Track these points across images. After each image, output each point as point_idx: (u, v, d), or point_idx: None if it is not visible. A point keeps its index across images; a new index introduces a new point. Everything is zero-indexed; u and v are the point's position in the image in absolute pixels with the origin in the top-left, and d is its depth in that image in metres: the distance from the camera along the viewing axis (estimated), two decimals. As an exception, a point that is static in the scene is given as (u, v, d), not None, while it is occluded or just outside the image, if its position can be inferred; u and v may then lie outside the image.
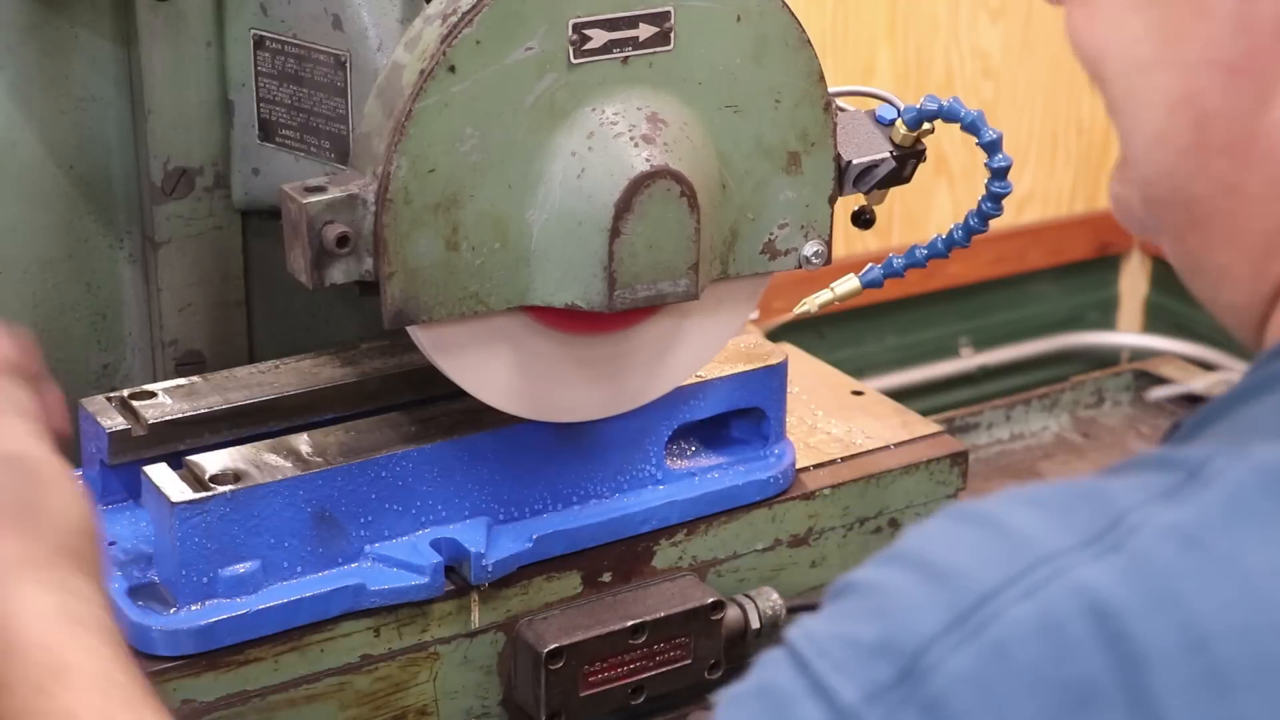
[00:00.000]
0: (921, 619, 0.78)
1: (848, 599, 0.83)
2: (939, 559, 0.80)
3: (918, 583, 0.80)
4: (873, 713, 0.78)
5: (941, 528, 0.83)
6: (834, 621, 0.82)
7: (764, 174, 1.38)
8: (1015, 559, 0.78)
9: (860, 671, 0.79)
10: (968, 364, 3.45)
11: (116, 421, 1.40)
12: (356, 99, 1.38)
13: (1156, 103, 0.86)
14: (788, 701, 0.80)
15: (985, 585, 0.78)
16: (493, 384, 1.37)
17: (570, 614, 1.44)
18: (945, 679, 0.76)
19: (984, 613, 0.77)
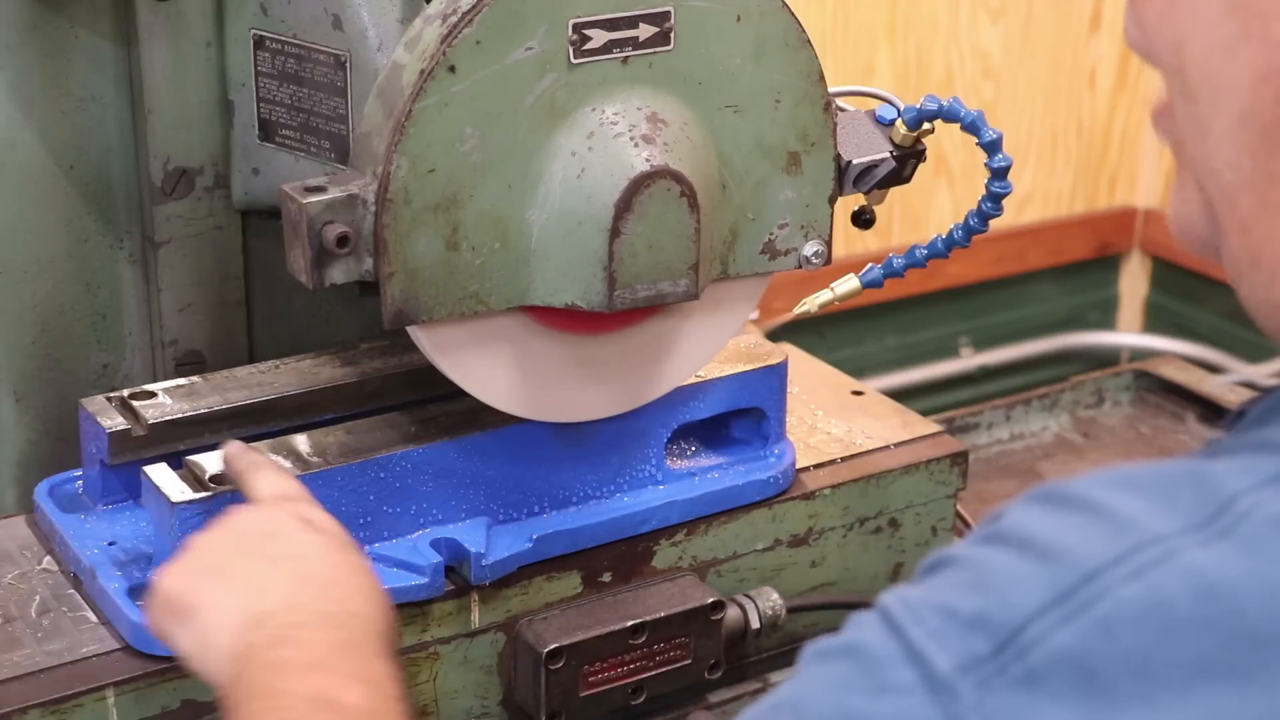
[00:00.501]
0: (1023, 595, 0.79)
1: (945, 571, 0.83)
2: (1041, 538, 0.81)
3: (1019, 560, 0.80)
4: (965, 683, 0.78)
5: (1039, 510, 0.83)
6: (931, 591, 0.83)
7: (764, 174, 1.38)
8: (1120, 540, 0.79)
9: (956, 642, 0.79)
10: (968, 364, 3.46)
11: (116, 421, 1.40)
12: (356, 99, 1.38)
13: (1240, 81, 0.86)
14: (879, 663, 0.81)
15: (1091, 564, 0.78)
16: (493, 384, 1.37)
17: (570, 614, 1.44)
18: (1045, 655, 0.77)
19: (1089, 591, 0.78)
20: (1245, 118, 0.86)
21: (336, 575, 1.15)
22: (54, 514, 1.43)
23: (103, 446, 1.39)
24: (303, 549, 1.17)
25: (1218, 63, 0.87)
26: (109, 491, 1.44)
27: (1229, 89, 0.87)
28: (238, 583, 1.14)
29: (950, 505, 1.64)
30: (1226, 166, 0.88)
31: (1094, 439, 2.12)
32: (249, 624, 1.10)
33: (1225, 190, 0.89)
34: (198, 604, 1.14)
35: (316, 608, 1.12)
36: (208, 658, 1.12)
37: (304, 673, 1.07)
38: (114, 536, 1.41)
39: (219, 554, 1.17)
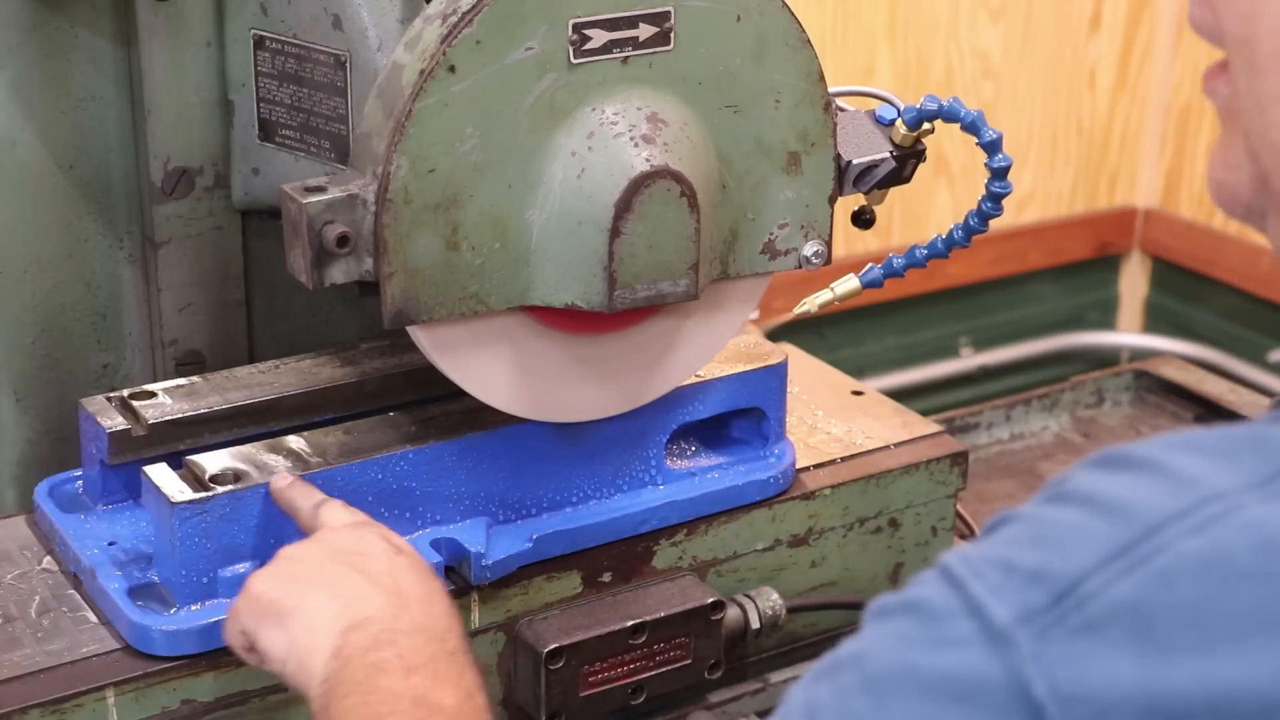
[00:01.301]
0: (1083, 549, 0.80)
1: (1006, 529, 0.85)
2: (1102, 495, 0.82)
3: (1081, 516, 0.82)
4: (1024, 633, 0.79)
5: (1101, 472, 0.84)
6: (991, 547, 0.84)
7: (764, 174, 1.38)
8: (1182, 496, 0.80)
9: (1015, 594, 0.80)
10: (968, 364, 3.46)
11: (116, 421, 1.40)
12: (356, 99, 1.38)
13: None
14: (939, 616, 0.82)
15: (1153, 518, 0.79)
16: (493, 384, 1.37)
17: (570, 614, 1.44)
18: (1104, 605, 0.78)
19: (1151, 544, 0.79)
20: None
21: (428, 593, 1.19)
22: (54, 514, 1.43)
23: (103, 446, 1.39)
24: (393, 567, 1.20)
25: None
26: (109, 491, 1.44)
27: None
28: (337, 589, 1.18)
29: (950, 505, 1.64)
30: None
31: (1094, 439, 2.12)
32: (350, 626, 1.15)
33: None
34: (296, 607, 1.17)
35: (414, 618, 1.16)
36: (303, 657, 1.15)
37: (405, 674, 1.11)
38: (114, 536, 1.41)
39: (315, 564, 1.21)
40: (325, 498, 1.31)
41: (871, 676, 0.83)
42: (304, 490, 1.31)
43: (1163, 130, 3.48)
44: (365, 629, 1.14)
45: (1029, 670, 0.79)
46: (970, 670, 0.80)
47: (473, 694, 1.13)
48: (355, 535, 1.24)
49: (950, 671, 0.81)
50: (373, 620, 1.15)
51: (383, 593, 1.17)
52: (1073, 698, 0.78)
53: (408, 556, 1.23)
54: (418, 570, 1.22)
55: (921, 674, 0.81)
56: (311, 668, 1.14)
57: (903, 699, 0.82)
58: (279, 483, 1.32)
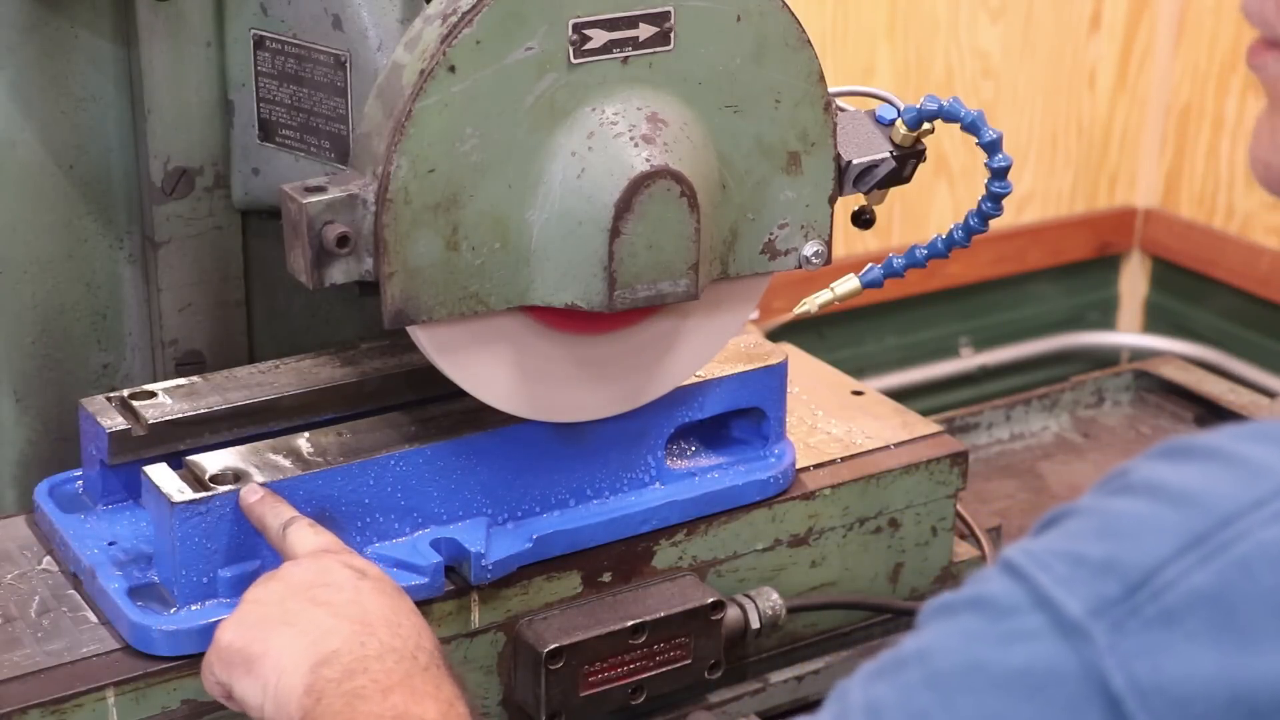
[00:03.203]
0: (1156, 540, 0.78)
1: (1068, 522, 0.82)
2: (1170, 485, 0.80)
3: (1150, 506, 0.80)
4: (1099, 625, 0.77)
5: (1167, 463, 0.82)
6: (1054, 540, 0.82)
7: (764, 174, 1.38)
8: (1257, 485, 0.78)
9: (1086, 587, 0.78)
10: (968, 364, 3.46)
11: (116, 421, 1.40)
12: (356, 99, 1.38)
13: None
14: (1006, 612, 0.80)
15: (1228, 508, 0.78)
16: (493, 384, 1.37)
17: (570, 614, 1.44)
18: (1182, 595, 0.76)
19: (1228, 533, 0.77)
20: None
21: (396, 615, 1.18)
22: (54, 514, 1.43)
23: (103, 446, 1.39)
24: (359, 594, 1.19)
25: None
26: (109, 491, 1.44)
27: None
28: (302, 627, 1.16)
29: (950, 505, 1.64)
30: None
31: (1094, 439, 2.12)
32: (320, 662, 1.13)
33: None
34: (264, 651, 1.16)
35: (382, 641, 1.15)
36: (279, 700, 1.14)
37: (382, 695, 1.10)
38: (114, 536, 1.41)
39: (277, 605, 1.19)
40: (293, 515, 1.29)
41: (937, 673, 0.81)
42: (273, 507, 1.30)
43: (1163, 130, 3.48)
44: (335, 662, 1.13)
45: (1106, 663, 0.77)
46: (1043, 663, 0.78)
47: (453, 703, 1.12)
48: (317, 567, 1.22)
49: (1021, 666, 0.79)
50: (341, 653, 1.14)
51: (348, 623, 1.16)
52: (1153, 689, 0.76)
53: (372, 580, 1.21)
54: (382, 593, 1.20)
55: (990, 669, 0.79)
56: (288, 709, 1.13)
57: (972, 695, 0.80)
58: (249, 497, 1.31)
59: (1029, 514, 1.95)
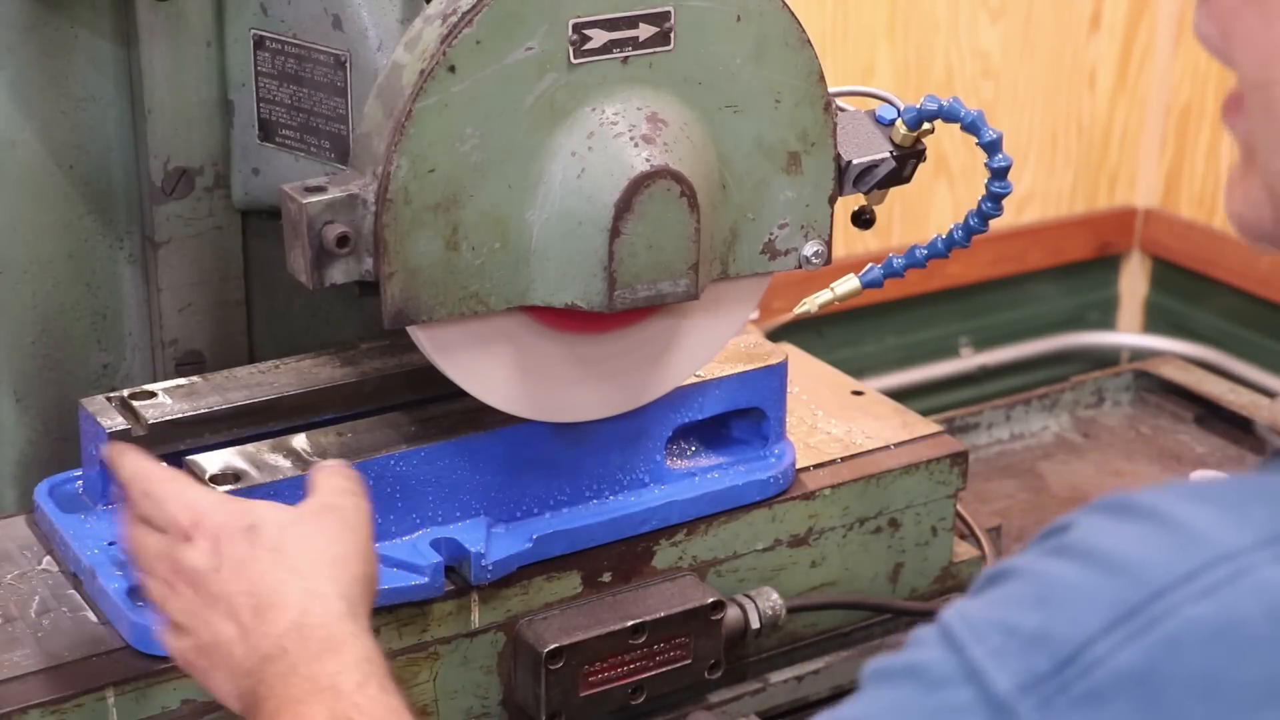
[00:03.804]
0: (1087, 612, 0.77)
1: (1008, 584, 0.81)
2: (1106, 550, 0.79)
3: (1084, 574, 0.78)
4: (1026, 703, 0.77)
5: (1106, 521, 0.81)
6: (992, 607, 0.81)
7: (764, 174, 1.38)
8: (1191, 555, 0.77)
9: (1016, 660, 0.78)
10: (968, 364, 3.45)
11: (116, 421, 1.39)
12: (356, 99, 1.38)
13: None
14: (939, 683, 0.80)
15: (1159, 580, 0.76)
16: (493, 384, 1.37)
17: (570, 614, 1.44)
18: (1110, 674, 0.75)
19: (1158, 608, 0.76)
20: None
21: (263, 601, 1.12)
22: (54, 514, 1.43)
23: (103, 446, 1.39)
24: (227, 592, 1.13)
25: None
26: (109, 491, 1.44)
27: None
28: (218, 653, 1.13)
29: (950, 505, 1.64)
30: None
31: (1094, 439, 2.12)
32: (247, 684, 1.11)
33: None
34: (205, 669, 1.15)
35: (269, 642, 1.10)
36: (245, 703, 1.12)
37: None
38: (114, 536, 1.40)
39: (192, 620, 1.16)
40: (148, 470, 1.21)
41: None
42: (135, 467, 1.21)
43: (1163, 130, 3.48)
44: (263, 671, 1.09)
45: None
46: None
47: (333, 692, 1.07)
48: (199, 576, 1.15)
49: None
50: (256, 656, 1.10)
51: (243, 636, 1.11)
52: None
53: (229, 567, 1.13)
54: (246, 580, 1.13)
55: None
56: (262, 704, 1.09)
57: None
58: (113, 452, 1.23)
59: (1029, 514, 1.95)
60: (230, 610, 1.12)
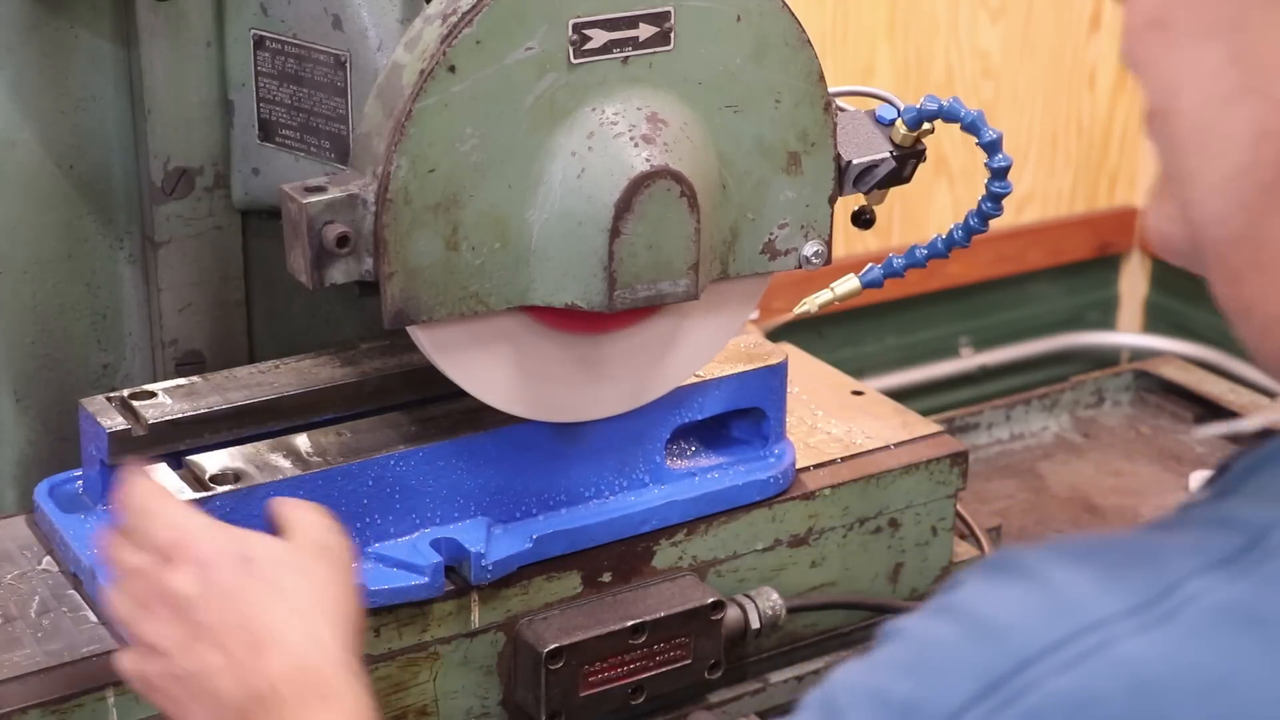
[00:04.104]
0: (956, 681, 0.76)
1: (893, 644, 0.81)
2: (984, 612, 0.78)
3: (959, 637, 0.78)
4: None
5: (989, 582, 0.80)
6: (873, 670, 0.81)
7: (764, 174, 1.38)
8: (1060, 623, 0.76)
9: None
10: (968, 364, 3.45)
11: (116, 421, 1.39)
12: (356, 99, 1.38)
13: (1240, 136, 0.80)
14: None
15: (1027, 649, 0.75)
16: (493, 384, 1.37)
17: (570, 614, 1.44)
18: None
19: (1021, 681, 0.75)
20: (1242, 173, 0.80)
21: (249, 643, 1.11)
22: (54, 514, 1.43)
23: (103, 446, 1.39)
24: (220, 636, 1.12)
25: (1214, 114, 0.81)
26: (109, 491, 1.44)
27: (1224, 141, 0.81)
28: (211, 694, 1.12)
29: (950, 505, 1.64)
30: (1214, 220, 0.83)
31: (1094, 439, 2.12)
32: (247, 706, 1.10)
33: (1212, 241, 0.84)
34: None
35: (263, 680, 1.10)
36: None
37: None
38: (114, 536, 1.41)
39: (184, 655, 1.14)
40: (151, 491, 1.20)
41: None
42: (136, 485, 1.20)
43: (1163, 130, 3.48)
44: (252, 709, 1.09)
45: None
46: None
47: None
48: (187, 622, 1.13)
49: None
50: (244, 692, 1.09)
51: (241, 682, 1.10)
52: None
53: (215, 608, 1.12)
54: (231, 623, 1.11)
55: None
56: None
57: None
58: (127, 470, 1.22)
59: (1029, 514, 1.95)
60: (218, 641, 1.10)
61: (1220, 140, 0.81)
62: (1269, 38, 0.77)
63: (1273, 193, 0.80)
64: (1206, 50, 0.80)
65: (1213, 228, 0.83)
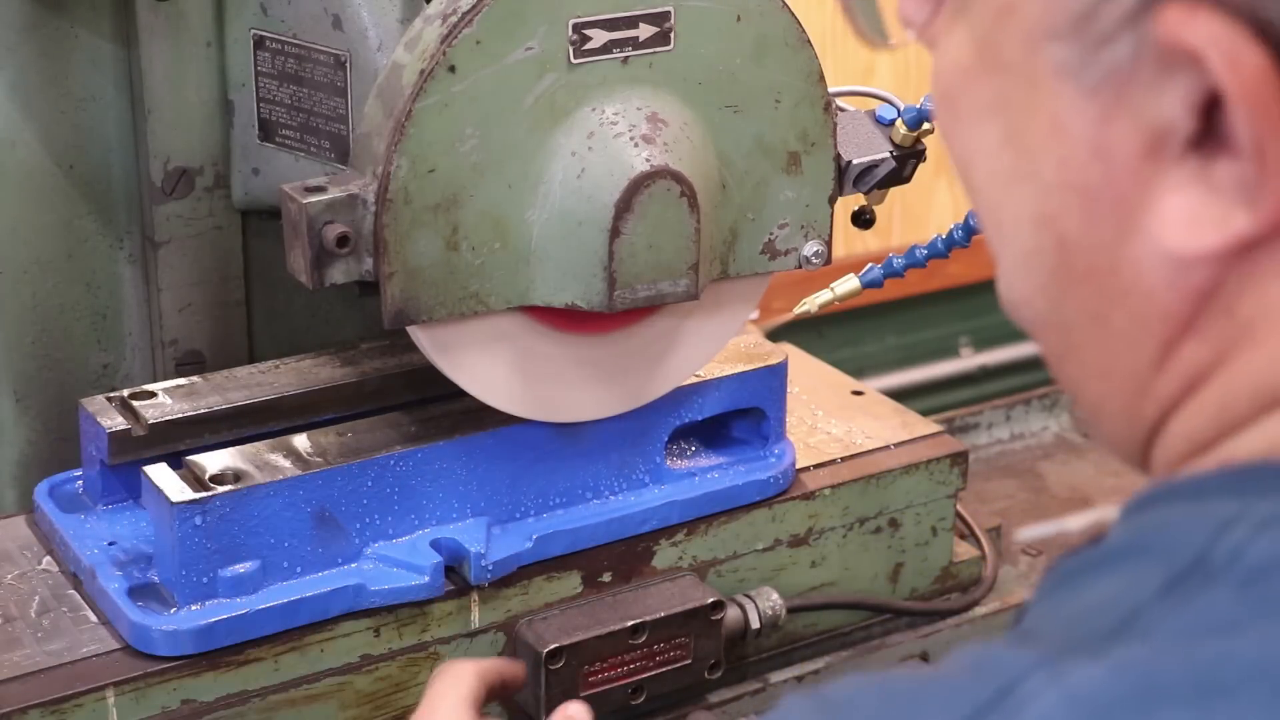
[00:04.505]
0: None
1: None
2: None
3: None
4: None
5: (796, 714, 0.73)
6: None
7: (764, 174, 1.38)
8: None
9: None
10: (968, 364, 3.45)
11: (116, 421, 1.39)
12: (356, 99, 1.38)
13: (1022, 219, 0.76)
14: None
15: None
16: (493, 384, 1.37)
17: (570, 614, 1.44)
18: None
19: None
20: (1030, 258, 0.76)
21: None
22: (54, 514, 1.43)
23: (103, 446, 1.39)
24: None
25: (999, 194, 0.77)
26: (109, 491, 1.44)
27: (1012, 224, 0.77)
28: None
29: (950, 505, 1.64)
30: (1022, 301, 0.79)
31: (1094, 439, 2.12)
32: None
33: (1028, 322, 0.80)
34: None
35: None
36: None
37: None
38: (114, 536, 1.41)
39: None
40: None
41: None
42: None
43: (1163, 130, 3.48)
44: None
45: None
46: None
47: None
48: None
49: None
50: None
51: None
52: None
53: None
54: None
55: None
56: None
57: None
58: None
59: (1029, 514, 1.95)
60: None
61: (1008, 223, 0.77)
62: (1034, 121, 0.73)
63: (1058, 279, 0.75)
64: (985, 129, 0.76)
65: (1023, 308, 0.80)
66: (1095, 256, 0.73)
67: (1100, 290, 0.74)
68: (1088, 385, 0.78)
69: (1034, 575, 1.82)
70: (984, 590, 1.67)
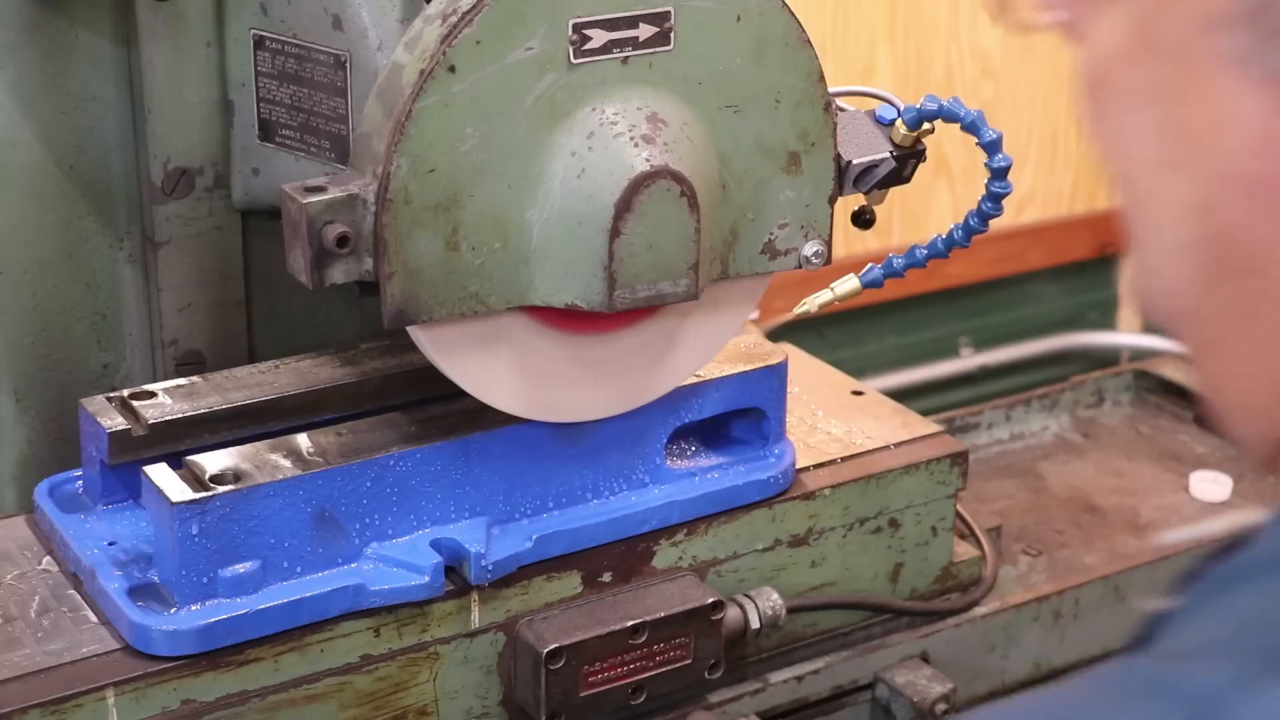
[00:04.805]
0: None
1: None
2: None
3: None
4: None
5: None
6: None
7: (764, 174, 1.38)
8: None
9: None
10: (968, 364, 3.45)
11: (116, 421, 1.39)
12: (356, 99, 1.38)
13: (1174, 210, 0.75)
14: None
15: None
16: (493, 384, 1.37)
17: (570, 614, 1.44)
18: None
19: None
20: (1183, 250, 0.75)
21: None
22: (54, 514, 1.43)
23: (103, 446, 1.39)
24: None
25: (1152, 184, 0.76)
26: (109, 491, 1.44)
27: (1164, 215, 0.76)
28: None
29: (950, 505, 1.64)
30: (1169, 290, 0.78)
31: (1094, 439, 2.12)
32: None
33: (1170, 312, 0.79)
34: None
35: None
36: None
37: None
38: (114, 536, 1.41)
39: None
40: None
41: None
42: None
43: (1163, 130, 3.48)
44: None
45: None
46: None
47: None
48: None
49: None
50: None
51: None
52: None
53: None
54: None
55: None
56: None
57: None
58: None
59: (1029, 514, 1.95)
60: None
61: (1159, 213, 0.76)
62: (1196, 110, 0.72)
63: (1210, 272, 0.74)
64: (1139, 116, 0.75)
65: (1168, 298, 0.79)
66: (1256, 252, 0.71)
67: (1257, 287, 0.72)
68: (1228, 382, 0.77)
69: (1034, 575, 1.82)
70: (984, 590, 1.67)
